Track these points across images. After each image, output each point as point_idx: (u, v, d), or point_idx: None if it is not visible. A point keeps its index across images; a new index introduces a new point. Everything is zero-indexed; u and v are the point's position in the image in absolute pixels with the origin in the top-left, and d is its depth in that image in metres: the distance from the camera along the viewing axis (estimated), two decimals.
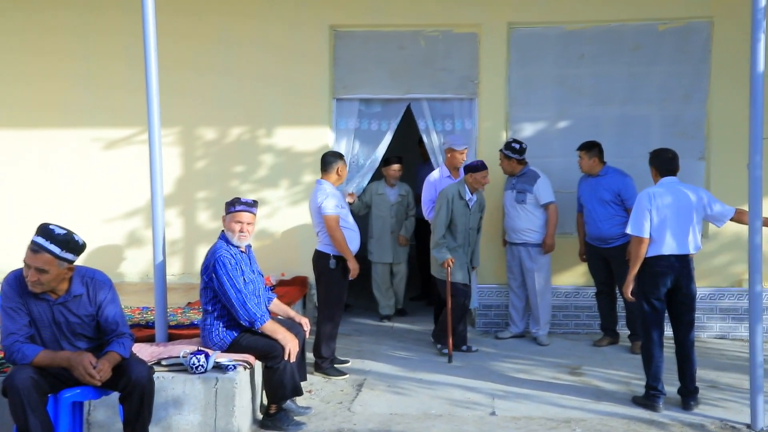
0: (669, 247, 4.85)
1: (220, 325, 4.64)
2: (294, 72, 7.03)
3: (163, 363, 4.46)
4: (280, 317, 4.98)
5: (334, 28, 7.10)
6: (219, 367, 4.43)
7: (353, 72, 7.13)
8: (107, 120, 7.16)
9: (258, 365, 4.72)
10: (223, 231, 4.73)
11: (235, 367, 4.45)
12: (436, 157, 7.16)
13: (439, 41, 7.06)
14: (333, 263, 5.58)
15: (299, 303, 6.69)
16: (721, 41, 6.74)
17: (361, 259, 7.10)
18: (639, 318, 5.19)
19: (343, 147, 7.09)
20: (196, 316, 5.44)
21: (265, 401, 4.76)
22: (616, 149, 6.79)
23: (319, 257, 5.67)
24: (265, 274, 5.24)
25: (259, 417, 4.76)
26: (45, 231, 3.69)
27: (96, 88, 7.14)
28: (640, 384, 5.19)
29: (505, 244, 6.83)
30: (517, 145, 6.47)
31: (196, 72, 7.07)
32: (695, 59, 6.85)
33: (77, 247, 3.75)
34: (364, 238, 7.08)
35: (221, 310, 4.64)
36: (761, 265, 4.58)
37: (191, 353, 4.41)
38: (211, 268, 4.57)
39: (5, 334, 3.71)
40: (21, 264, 3.71)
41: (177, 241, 7.18)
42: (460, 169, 6.61)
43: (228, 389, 4.36)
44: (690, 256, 4.91)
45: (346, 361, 5.93)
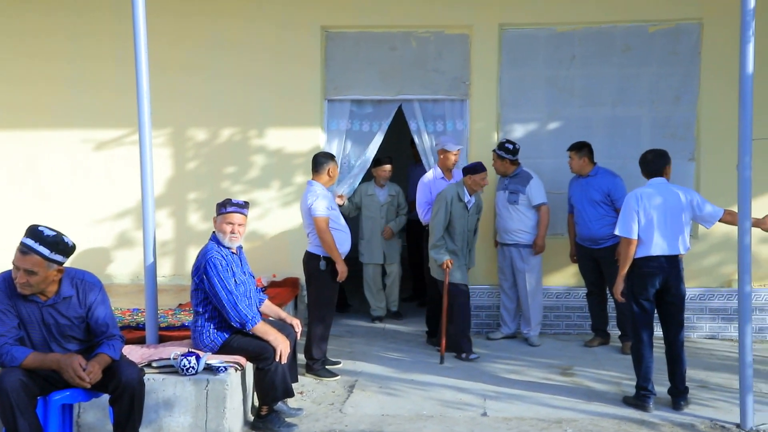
0: (658, 248, 4.87)
1: (211, 326, 4.62)
2: (285, 73, 7.02)
3: (154, 365, 4.44)
4: (271, 319, 4.96)
5: (326, 29, 7.09)
6: (210, 369, 4.42)
7: (344, 73, 7.12)
8: (97, 121, 7.13)
9: (249, 367, 4.71)
10: (214, 232, 4.72)
11: (226, 368, 4.43)
12: (428, 158, 7.16)
13: (430, 42, 7.06)
14: (323, 264, 5.57)
15: (290, 304, 6.67)
16: (711, 43, 6.77)
17: (353, 260, 7.12)
18: (629, 319, 5.21)
19: (334, 148, 7.09)
20: (186, 318, 5.42)
21: (256, 403, 4.75)
22: (607, 150, 6.82)
23: (310, 258, 5.66)
24: (256, 276, 5.22)
25: (251, 419, 4.74)
26: (34, 232, 3.67)
27: (86, 89, 7.11)
28: (630, 384, 5.21)
29: (497, 244, 6.84)
30: (510, 146, 6.48)
31: (186, 73, 7.05)
32: (685, 61, 6.88)
33: (67, 249, 3.73)
34: (355, 239, 7.10)
35: (212, 312, 4.62)
36: (750, 266, 4.59)
37: (182, 355, 4.40)
38: (202, 270, 4.56)
39: None
40: (10, 266, 3.69)
41: (167, 243, 7.15)
42: (453, 170, 6.61)
43: (219, 391, 4.34)
44: (679, 256, 4.92)
45: (337, 363, 5.92)
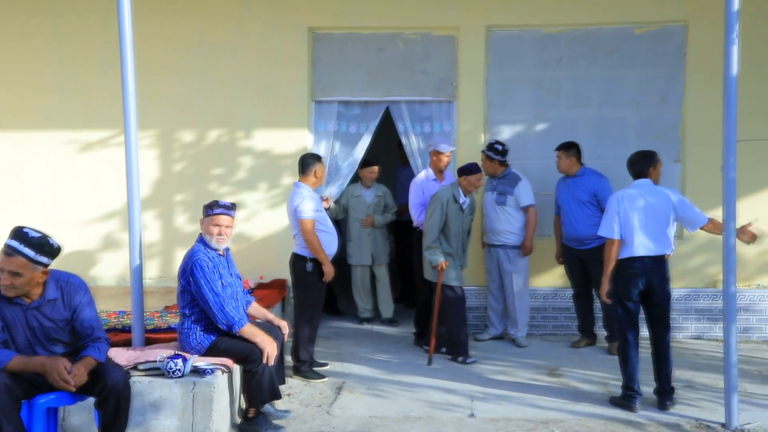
0: (642, 249, 4.89)
1: (198, 328, 4.61)
2: (272, 74, 7.01)
3: (140, 367, 4.42)
4: (258, 321, 4.95)
5: (313, 31, 7.08)
6: (197, 371, 4.40)
7: (332, 74, 7.12)
8: (83, 123, 7.09)
9: (236, 369, 4.69)
10: (201, 234, 4.70)
11: (213, 371, 4.42)
12: (415, 160, 7.17)
13: (417, 44, 7.07)
14: (310, 266, 5.56)
15: (278, 306, 6.65)
16: (696, 45, 6.81)
17: (341, 262, 7.10)
18: (615, 319, 5.23)
19: (322, 149, 7.08)
20: (173, 320, 5.39)
21: (243, 405, 4.73)
22: (593, 151, 6.84)
23: (296, 260, 5.65)
24: (243, 277, 5.20)
25: (238, 421, 4.73)
26: (19, 234, 3.64)
27: (71, 91, 7.07)
28: (617, 385, 5.23)
29: (484, 246, 6.85)
30: (499, 147, 6.49)
31: (173, 75, 7.02)
32: (671, 62, 6.92)
33: (52, 251, 3.70)
34: (342, 241, 7.09)
35: (199, 314, 4.61)
36: (735, 267, 4.63)
37: (169, 357, 4.38)
38: (189, 272, 4.54)
39: None
40: None
41: (154, 245, 7.12)
42: (444, 171, 6.60)
43: (206, 393, 4.33)
44: (664, 257, 4.94)
45: (325, 364, 5.91)
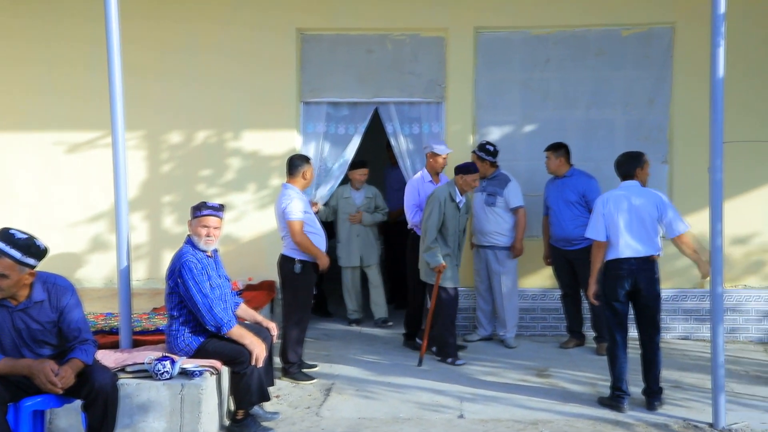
0: (627, 250, 4.91)
1: (186, 330, 4.59)
2: (261, 75, 7.00)
3: (128, 369, 4.40)
4: (247, 322, 4.93)
5: (301, 32, 7.08)
6: (185, 373, 4.38)
7: (321, 75, 7.11)
8: (70, 124, 7.06)
9: (225, 371, 4.68)
10: (189, 235, 4.69)
11: (201, 373, 4.40)
12: (404, 161, 7.18)
13: (406, 45, 7.08)
14: (298, 267, 5.55)
15: (267, 307, 6.64)
16: (683, 46, 6.86)
17: (331, 263, 7.09)
18: (603, 320, 5.25)
19: (311, 151, 7.08)
20: (161, 322, 5.37)
21: (232, 407, 4.72)
22: (581, 153, 6.87)
23: (284, 261, 5.63)
24: (232, 279, 5.19)
25: (226, 423, 4.71)
26: (5, 235, 3.62)
27: (58, 91, 7.04)
28: (605, 385, 5.25)
29: (473, 246, 6.86)
30: (491, 147, 6.51)
31: (161, 75, 7.00)
32: (658, 64, 6.97)
33: (39, 252, 3.68)
34: (332, 242, 7.08)
35: (187, 316, 4.59)
36: (722, 267, 4.66)
37: (157, 359, 4.37)
38: (177, 273, 4.53)
39: None
40: None
41: (142, 246, 7.09)
42: (440, 173, 6.59)
43: (194, 395, 4.31)
44: (652, 258, 4.95)
45: (314, 366, 5.90)
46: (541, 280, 7.07)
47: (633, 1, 6.90)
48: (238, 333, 4.55)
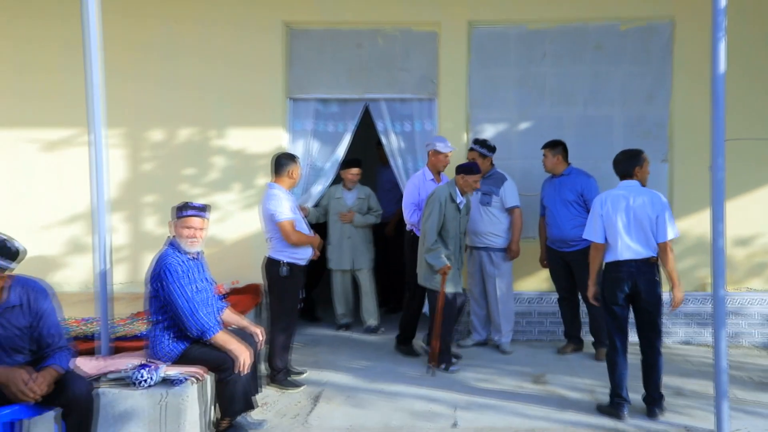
0: (626, 252, 4.92)
1: (169, 336, 4.59)
2: (247, 71, 6.99)
3: (107, 377, 4.39)
4: (232, 327, 4.93)
5: (289, 26, 7.07)
6: (167, 381, 4.38)
7: (309, 71, 7.11)
8: (47, 121, 7.03)
9: (209, 378, 4.67)
10: (171, 237, 4.68)
11: (184, 380, 4.39)
12: (395, 160, 7.18)
13: (397, 40, 7.08)
14: (285, 270, 5.54)
15: (253, 312, 6.63)
16: (683, 41, 6.89)
17: (320, 267, 7.10)
18: (602, 324, 5.26)
19: (299, 149, 7.07)
20: (142, 327, 5.36)
21: (216, 416, 4.70)
22: (579, 150, 6.89)
23: (270, 264, 5.62)
24: (216, 282, 5.19)
25: None
26: None
27: (35, 84, 7.02)
28: (604, 392, 5.26)
29: (467, 248, 6.86)
30: (491, 143, 6.53)
31: (142, 70, 6.99)
32: (657, 59, 7.00)
33: (14, 254, 3.66)
34: (323, 245, 7.06)
35: (169, 321, 4.58)
36: (725, 269, 4.65)
37: (137, 366, 4.36)
38: (159, 276, 4.52)
39: None
40: None
41: (122, 248, 7.06)
42: (441, 173, 6.58)
43: (177, 404, 4.30)
44: (652, 260, 4.96)
45: (301, 372, 5.90)
46: (538, 282, 7.08)
47: None
48: (223, 339, 4.55)
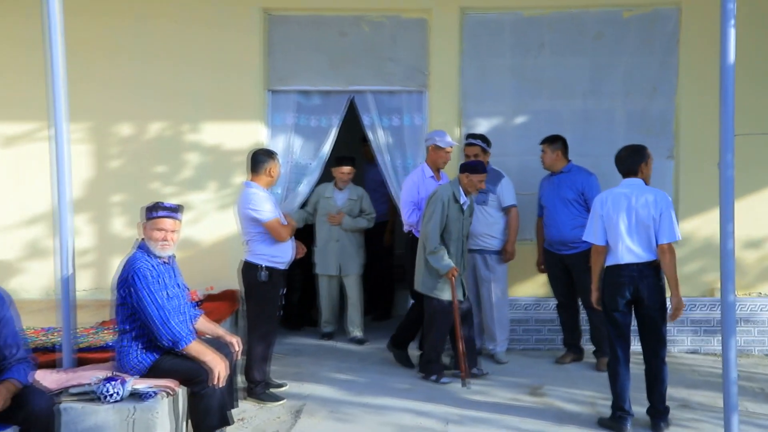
0: (628, 256, 4.92)
1: (138, 346, 4.56)
2: (222, 60, 6.97)
3: (71, 391, 4.35)
4: (207, 337, 4.91)
5: (268, 12, 7.05)
6: (136, 395, 4.34)
7: (289, 61, 7.09)
8: (4, 113, 6.99)
9: (182, 391, 4.63)
10: (141, 240, 4.66)
11: (155, 394, 4.36)
12: (383, 156, 7.16)
13: (385, 27, 7.08)
14: (264, 275, 5.52)
15: (229, 320, 6.62)
16: (690, 30, 6.92)
17: (305, 270, 7.09)
18: (604, 333, 5.26)
19: (279, 145, 7.05)
20: (109, 337, 5.32)
21: None
22: (579, 147, 6.90)
23: (248, 269, 5.60)
24: (190, 288, 5.17)
25: None
26: None
27: None
28: (606, 404, 5.27)
29: None
30: (488, 138, 6.54)
31: (109, 60, 6.95)
32: (662, 49, 7.02)
33: None
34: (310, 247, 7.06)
35: (139, 330, 4.56)
36: (734, 273, 4.67)
37: (104, 379, 4.33)
38: (129, 282, 4.49)
39: None
40: None
41: (87, 252, 7.02)
42: (441, 170, 6.56)
43: (146, 420, 4.27)
44: (654, 263, 4.96)
45: (282, 385, 5.88)
46: (535, 287, 7.09)
47: None
48: (197, 349, 4.52)
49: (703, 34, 6.74)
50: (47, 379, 4.39)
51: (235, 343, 4.94)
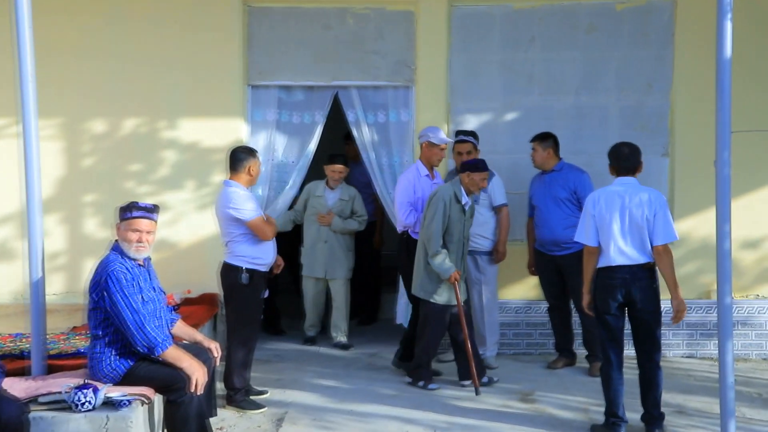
0: (620, 257, 4.93)
1: (112, 352, 4.54)
2: (201, 55, 6.94)
3: (41, 400, 4.32)
4: (185, 342, 4.89)
5: (248, 4, 7.04)
6: (110, 403, 4.32)
7: (271, 55, 7.08)
8: None
9: (158, 399, 4.63)
10: (115, 241, 4.64)
11: (129, 402, 4.35)
12: (368, 154, 7.16)
13: (370, 20, 7.07)
14: (245, 278, 5.51)
15: (208, 324, 6.60)
16: (686, 23, 6.95)
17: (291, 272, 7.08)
18: (596, 337, 5.28)
19: (260, 142, 7.04)
20: (82, 343, 5.29)
21: None
22: (571, 144, 6.91)
23: (228, 271, 5.59)
24: (167, 292, 5.15)
25: None
26: None
27: None
28: (599, 411, 5.28)
29: None
30: (477, 135, 6.56)
31: (81, 53, 6.92)
32: (657, 43, 7.05)
33: None
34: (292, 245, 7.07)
35: (113, 335, 4.53)
36: (731, 275, 4.70)
37: (76, 387, 4.30)
38: (102, 285, 4.47)
39: None
40: None
41: (59, 254, 6.99)
42: (435, 168, 6.55)
43: (121, 429, 4.25)
44: (648, 265, 4.97)
45: (263, 392, 5.87)
46: (525, 290, 7.11)
47: None
48: (174, 355, 4.50)
49: (700, 27, 6.77)
50: (16, 387, 4.36)
51: (214, 348, 4.91)
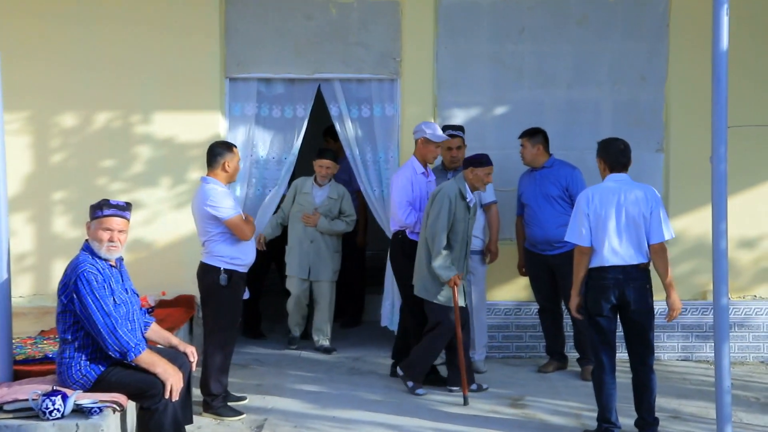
0: (613, 258, 4.94)
1: (83, 357, 4.52)
2: (176, 46, 6.92)
3: (7, 408, 4.30)
4: (159, 346, 4.89)
5: None
6: (80, 411, 4.30)
7: (250, 46, 7.05)
8: None
9: (131, 406, 4.61)
10: (86, 241, 4.62)
11: (101, 409, 4.33)
12: (352, 150, 7.14)
13: (353, 10, 7.06)
14: (224, 279, 5.50)
15: (184, 328, 6.59)
16: (681, 14, 6.98)
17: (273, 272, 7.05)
18: (588, 339, 5.29)
19: (239, 137, 7.01)
20: (51, 348, 5.27)
21: None
22: (562, 140, 6.93)
23: (206, 272, 5.57)
24: (141, 294, 5.12)
25: None
26: None
27: None
28: (591, 416, 5.30)
29: None
30: (464, 129, 6.58)
31: (49, 43, 6.87)
32: (651, 35, 7.07)
33: None
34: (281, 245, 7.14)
35: (84, 339, 4.51)
36: (728, 275, 4.71)
37: (44, 395, 4.27)
38: (72, 287, 4.45)
39: None
40: None
41: (26, 255, 6.95)
42: (429, 166, 6.54)
43: None
44: (642, 266, 4.98)
45: (242, 398, 5.86)
46: (515, 291, 7.11)
47: None
48: (148, 360, 4.49)
49: (695, 19, 6.80)
50: None
51: (191, 353, 4.89)
